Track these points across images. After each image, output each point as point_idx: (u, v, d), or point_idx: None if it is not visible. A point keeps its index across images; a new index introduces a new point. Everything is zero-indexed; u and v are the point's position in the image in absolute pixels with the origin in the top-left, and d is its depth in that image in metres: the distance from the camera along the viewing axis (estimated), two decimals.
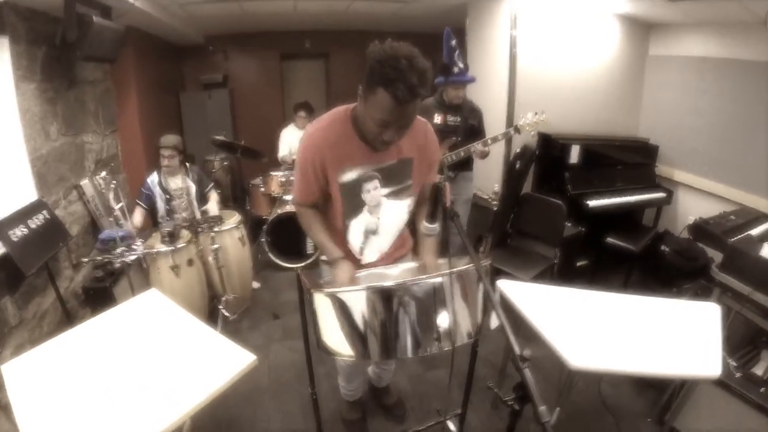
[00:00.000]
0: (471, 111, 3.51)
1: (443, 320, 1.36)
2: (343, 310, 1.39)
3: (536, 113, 3.32)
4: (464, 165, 3.56)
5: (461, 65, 3.31)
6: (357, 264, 1.91)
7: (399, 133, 1.58)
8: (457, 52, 3.29)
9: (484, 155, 3.40)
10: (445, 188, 1.39)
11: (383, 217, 1.85)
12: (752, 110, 3.52)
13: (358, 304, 1.36)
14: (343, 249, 1.86)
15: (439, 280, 1.35)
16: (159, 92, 5.48)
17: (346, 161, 1.68)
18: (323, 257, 1.99)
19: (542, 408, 0.97)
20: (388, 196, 1.80)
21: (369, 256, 1.93)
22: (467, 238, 1.32)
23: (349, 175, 1.70)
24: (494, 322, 1.29)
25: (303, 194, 1.79)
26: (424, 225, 1.54)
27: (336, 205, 1.79)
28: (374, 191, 1.77)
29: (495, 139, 3.35)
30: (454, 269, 1.35)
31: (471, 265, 1.36)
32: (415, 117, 1.57)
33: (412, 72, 1.38)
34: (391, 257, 1.98)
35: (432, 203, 1.48)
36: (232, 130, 6.75)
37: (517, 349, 1.04)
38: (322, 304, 1.45)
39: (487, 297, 1.23)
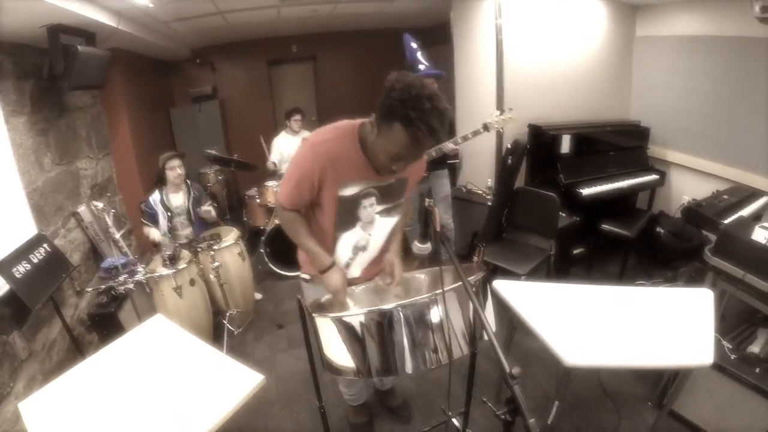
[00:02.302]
0: None
1: (440, 336, 1.41)
2: (344, 332, 1.44)
3: (503, 111, 3.36)
4: (437, 164, 3.57)
5: (425, 62, 3.34)
6: None
7: (408, 164, 1.59)
8: (419, 52, 3.36)
9: (454, 152, 3.49)
10: (434, 211, 1.42)
11: (374, 234, 1.87)
12: (742, 87, 3.53)
13: (358, 326, 1.41)
14: None
15: (434, 299, 1.40)
16: (149, 110, 5.48)
17: (349, 177, 1.67)
18: (303, 275, 2.00)
19: (531, 421, 1.02)
20: (381, 213, 1.82)
21: (353, 271, 1.95)
22: (458, 260, 1.36)
23: (350, 190, 1.70)
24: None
25: (292, 201, 1.74)
26: (416, 245, 1.58)
27: (328, 216, 1.77)
28: (370, 208, 1.78)
29: (465, 138, 3.33)
30: (448, 288, 1.39)
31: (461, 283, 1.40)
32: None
33: (434, 114, 1.37)
34: (370, 273, 1.99)
35: (423, 225, 1.52)
36: (224, 141, 6.78)
37: (506, 367, 1.08)
38: (324, 327, 1.51)
39: (477, 315, 1.28)
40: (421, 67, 3.31)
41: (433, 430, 2.41)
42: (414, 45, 3.36)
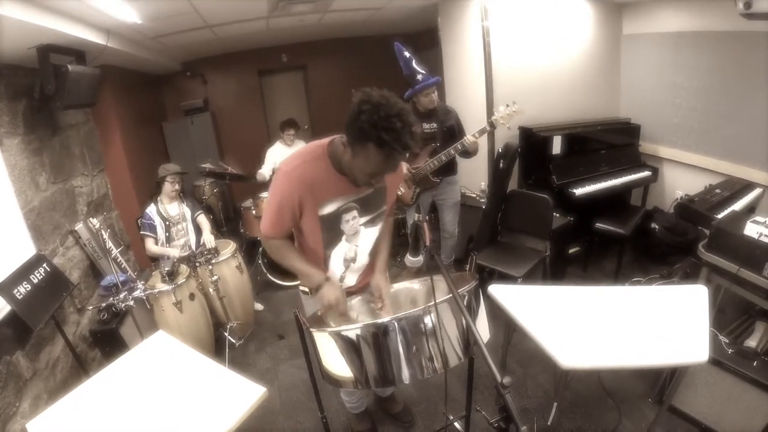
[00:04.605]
0: (446, 113, 3.49)
1: (435, 346, 1.43)
2: (341, 346, 1.47)
3: (508, 105, 3.27)
4: (448, 170, 3.54)
5: (422, 71, 3.32)
6: None
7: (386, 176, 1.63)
8: (413, 61, 3.32)
9: (474, 148, 3.30)
10: (423, 226, 1.45)
11: (360, 244, 1.91)
12: (730, 80, 3.58)
13: (355, 339, 1.44)
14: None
15: (428, 310, 1.41)
16: (142, 125, 5.47)
17: (326, 196, 1.71)
18: (303, 287, 2.04)
19: (524, 429, 1.04)
20: (365, 224, 1.86)
21: (349, 281, 2.00)
22: (448, 274, 1.39)
23: (329, 208, 1.73)
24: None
25: (276, 228, 1.79)
26: (408, 258, 1.62)
27: (315, 236, 1.81)
28: (353, 221, 1.82)
29: (473, 136, 3.26)
30: (440, 300, 1.40)
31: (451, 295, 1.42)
32: None
33: (406, 131, 1.40)
34: (364, 281, 2.04)
35: (414, 239, 1.55)
36: (217, 153, 6.75)
37: (498, 377, 1.11)
38: (322, 341, 1.54)
39: (469, 328, 1.30)
40: (419, 77, 3.30)
41: None
42: (407, 54, 3.32)
